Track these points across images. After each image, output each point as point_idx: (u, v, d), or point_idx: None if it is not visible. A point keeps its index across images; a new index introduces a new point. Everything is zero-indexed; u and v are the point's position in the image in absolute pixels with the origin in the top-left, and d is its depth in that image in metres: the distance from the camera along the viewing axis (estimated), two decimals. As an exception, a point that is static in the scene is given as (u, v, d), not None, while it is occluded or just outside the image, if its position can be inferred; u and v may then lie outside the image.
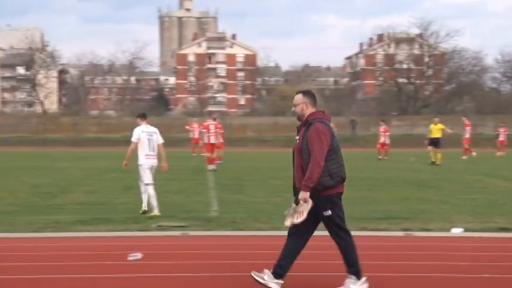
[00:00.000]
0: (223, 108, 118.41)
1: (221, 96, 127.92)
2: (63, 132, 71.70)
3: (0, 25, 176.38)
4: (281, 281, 7.06)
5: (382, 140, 36.27)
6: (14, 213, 12.81)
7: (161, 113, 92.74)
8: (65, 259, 8.70)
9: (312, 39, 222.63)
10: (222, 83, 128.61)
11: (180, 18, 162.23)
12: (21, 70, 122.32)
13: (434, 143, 29.93)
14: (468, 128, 36.02)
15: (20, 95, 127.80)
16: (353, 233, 10.79)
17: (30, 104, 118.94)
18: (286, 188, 18.14)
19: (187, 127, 40.69)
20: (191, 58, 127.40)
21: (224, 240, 10.29)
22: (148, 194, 12.97)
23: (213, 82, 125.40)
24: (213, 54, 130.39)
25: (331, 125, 7.14)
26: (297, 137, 7.09)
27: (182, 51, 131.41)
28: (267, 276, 7.04)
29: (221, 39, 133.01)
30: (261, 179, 21.58)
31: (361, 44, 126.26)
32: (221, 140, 27.90)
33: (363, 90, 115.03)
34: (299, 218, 7.00)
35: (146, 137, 13.06)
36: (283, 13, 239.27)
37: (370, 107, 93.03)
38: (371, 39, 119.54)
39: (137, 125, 13.32)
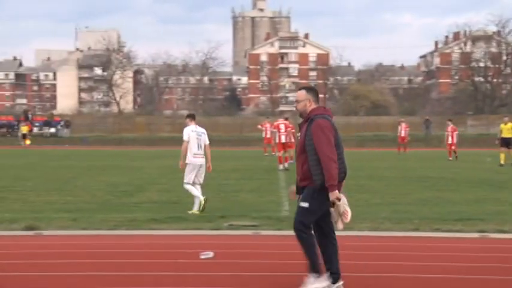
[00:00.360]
0: (295, 108, 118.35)
1: (293, 96, 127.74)
2: (138, 131, 73.08)
3: (79, 27, 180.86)
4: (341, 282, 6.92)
5: (450, 140, 35.49)
6: (91, 211, 13.12)
7: (233, 113, 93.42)
8: (138, 257, 8.86)
9: (385, 38, 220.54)
10: (294, 83, 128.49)
11: (253, 18, 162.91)
12: (98, 71, 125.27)
13: (507, 143, 29.03)
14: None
15: (97, 95, 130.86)
16: (426, 233, 10.75)
17: (106, 104, 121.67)
18: (357, 188, 18.05)
19: (259, 127, 40.79)
20: (263, 58, 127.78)
21: (295, 240, 10.26)
22: (188, 189, 13.20)
23: (285, 82, 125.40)
24: (286, 53, 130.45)
25: (333, 119, 6.97)
26: (299, 134, 6.94)
27: (255, 51, 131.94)
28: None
29: (294, 38, 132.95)
30: (332, 178, 21.46)
31: (436, 42, 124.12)
32: (292, 140, 27.87)
33: (438, 89, 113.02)
34: (347, 216, 6.89)
35: (195, 136, 13.29)
36: (357, 12, 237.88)
37: (444, 107, 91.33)
38: (447, 37, 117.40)
39: (186, 125, 13.53)
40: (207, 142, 13.41)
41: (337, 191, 6.74)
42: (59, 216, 12.24)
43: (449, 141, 35.18)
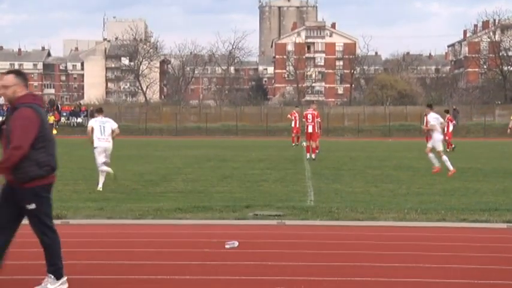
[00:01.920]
0: (321, 98, 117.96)
1: (319, 86, 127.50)
2: (164, 121, 73.36)
3: (107, 17, 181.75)
4: None
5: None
6: (117, 200, 13.21)
7: (259, 103, 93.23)
8: (162, 246, 8.91)
9: (413, 27, 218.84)
10: (320, 72, 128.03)
11: (280, 7, 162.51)
12: (125, 61, 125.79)
13: None
14: None
15: (124, 85, 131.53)
16: (453, 224, 10.68)
17: (133, 94, 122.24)
18: (383, 178, 17.98)
19: (289, 116, 40.57)
20: (290, 47, 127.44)
21: (320, 230, 10.27)
22: (104, 170, 15.54)
23: (312, 71, 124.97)
24: (312, 43, 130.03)
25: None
26: (4, 126, 6.35)
27: (281, 41, 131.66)
28: None
29: (320, 28, 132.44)
30: (358, 168, 21.41)
31: (465, 31, 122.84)
32: (319, 130, 27.81)
33: (466, 78, 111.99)
34: None
35: (98, 124, 15.77)
36: (385, 1, 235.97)
37: (472, 96, 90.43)
38: (475, 26, 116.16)
39: (94, 117, 16.53)
40: (114, 127, 15.78)
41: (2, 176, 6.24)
42: (86, 206, 12.36)
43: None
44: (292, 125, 38.29)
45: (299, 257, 8.19)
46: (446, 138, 35.05)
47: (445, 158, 19.47)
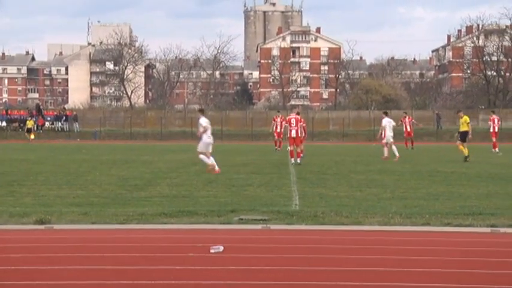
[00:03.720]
0: (306, 102, 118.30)
1: (304, 90, 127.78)
2: (149, 126, 73.32)
3: (91, 21, 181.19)
4: None
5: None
6: (101, 205, 13.14)
7: (244, 107, 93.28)
8: (147, 251, 8.88)
9: (398, 32, 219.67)
10: (305, 77, 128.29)
11: (265, 12, 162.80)
12: (110, 65, 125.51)
13: (463, 137, 28.19)
14: (491, 123, 38.34)
15: (109, 90, 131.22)
16: (437, 228, 10.71)
17: (118, 99, 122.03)
18: (368, 182, 18.02)
19: (273, 122, 40.46)
20: (275, 52, 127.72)
21: (305, 234, 10.28)
22: None
23: (297, 76, 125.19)
24: (297, 48, 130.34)
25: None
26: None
27: (266, 46, 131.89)
28: None
29: (305, 32, 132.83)
30: (342, 173, 21.45)
31: (449, 36, 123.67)
32: (303, 134, 27.85)
33: (450, 83, 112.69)
34: None
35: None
36: (370, 6, 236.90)
37: (456, 101, 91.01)
38: (459, 31, 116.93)
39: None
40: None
41: None
42: (70, 210, 12.28)
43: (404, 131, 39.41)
44: (273, 129, 38.01)
45: (284, 261, 8.19)
46: (405, 135, 40.20)
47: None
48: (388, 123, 28.78)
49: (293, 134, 26.26)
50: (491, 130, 38.03)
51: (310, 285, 7.03)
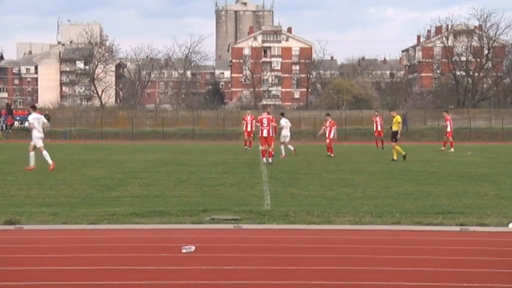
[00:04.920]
0: (277, 102, 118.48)
1: (276, 90, 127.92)
2: (120, 125, 72.87)
3: (61, 20, 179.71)
4: None
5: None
6: (71, 205, 13.05)
7: (216, 107, 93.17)
8: (118, 251, 8.84)
9: (369, 32, 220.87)
10: (277, 77, 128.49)
11: (236, 12, 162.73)
12: (80, 64, 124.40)
13: (393, 137, 28.39)
14: (448, 122, 38.44)
15: (79, 89, 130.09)
16: (407, 227, 10.80)
17: (88, 98, 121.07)
18: (339, 182, 18.11)
19: (243, 121, 40.39)
20: (246, 52, 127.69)
21: (277, 233, 10.30)
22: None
23: (268, 76, 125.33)
24: (269, 47, 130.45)
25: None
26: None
27: (238, 45, 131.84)
28: None
29: (277, 32, 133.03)
30: (314, 172, 21.52)
31: (418, 37, 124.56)
32: (273, 134, 27.89)
33: (420, 83, 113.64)
34: None
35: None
36: (341, 6, 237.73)
37: (426, 101, 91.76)
38: (429, 31, 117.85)
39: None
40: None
41: None
42: (40, 211, 12.17)
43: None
44: (243, 128, 37.62)
45: (256, 261, 8.20)
46: (376, 135, 40.73)
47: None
48: (285, 123, 31.35)
49: (264, 133, 26.32)
50: (449, 130, 38.13)
51: (282, 284, 7.04)
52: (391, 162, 26.54)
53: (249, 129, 36.40)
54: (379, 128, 40.94)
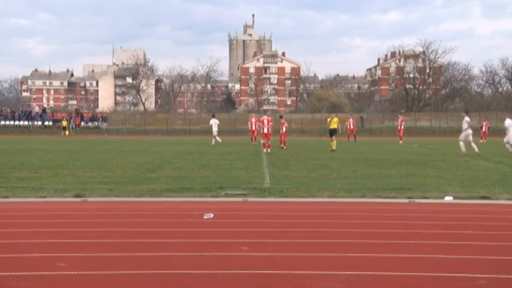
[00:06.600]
0: (274, 107, 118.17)
1: (273, 98, 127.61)
2: (158, 125, 72.75)
3: (115, 47, 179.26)
4: None
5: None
6: (123, 183, 13.04)
7: (229, 111, 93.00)
8: (157, 217, 8.83)
9: (342, 55, 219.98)
10: (274, 89, 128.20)
11: (244, 40, 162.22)
12: (129, 80, 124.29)
13: (331, 133, 28.18)
14: (401, 121, 39.58)
15: (128, 98, 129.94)
16: (370, 199, 10.76)
17: (135, 105, 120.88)
18: (320, 166, 18.04)
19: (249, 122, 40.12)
20: (252, 70, 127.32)
21: (274, 205, 10.28)
22: None
23: (267, 88, 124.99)
24: (268, 67, 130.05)
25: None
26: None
27: (245, 65, 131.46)
28: None
29: (274, 56, 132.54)
30: (301, 159, 21.47)
31: (378, 59, 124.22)
32: (270, 131, 27.86)
33: (379, 93, 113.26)
34: None
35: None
36: (322, 36, 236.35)
37: (384, 106, 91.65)
38: (386, 55, 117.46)
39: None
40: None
41: None
42: (99, 187, 12.17)
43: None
44: (249, 127, 37.44)
45: (258, 225, 8.19)
46: (348, 132, 39.87)
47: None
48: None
49: (265, 130, 26.41)
50: (399, 128, 39.14)
51: (279, 243, 7.03)
52: (333, 152, 25.98)
53: (253, 127, 36.33)
54: (351, 127, 40.91)
